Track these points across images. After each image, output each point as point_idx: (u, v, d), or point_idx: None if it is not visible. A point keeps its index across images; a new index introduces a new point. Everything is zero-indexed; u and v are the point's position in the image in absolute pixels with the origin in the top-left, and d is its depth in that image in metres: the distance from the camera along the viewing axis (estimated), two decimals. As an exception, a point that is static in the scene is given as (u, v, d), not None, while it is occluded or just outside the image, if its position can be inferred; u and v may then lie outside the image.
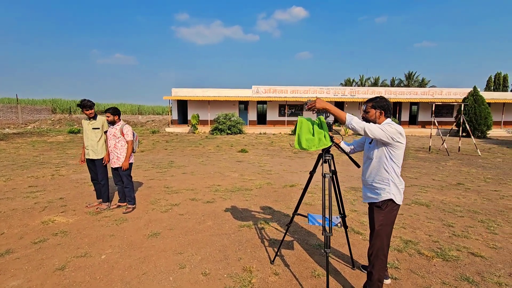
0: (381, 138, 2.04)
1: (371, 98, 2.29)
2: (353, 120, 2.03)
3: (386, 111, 2.20)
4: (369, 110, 2.23)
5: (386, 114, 2.21)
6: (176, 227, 3.66)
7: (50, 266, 2.69)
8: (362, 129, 2.02)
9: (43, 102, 30.96)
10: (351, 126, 2.04)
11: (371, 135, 2.02)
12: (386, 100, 2.23)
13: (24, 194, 4.99)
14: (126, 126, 4.11)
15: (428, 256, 2.97)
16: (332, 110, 2.10)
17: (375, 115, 2.20)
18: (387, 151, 2.13)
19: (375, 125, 2.06)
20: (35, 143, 13.17)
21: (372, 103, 2.22)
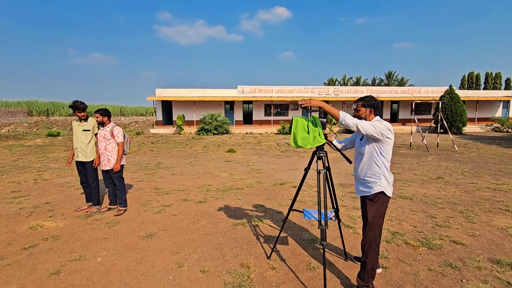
0: (372, 134, 2.17)
1: (361, 97, 2.42)
2: (346, 117, 2.15)
3: (375, 109, 2.34)
4: (359, 109, 2.36)
5: (375, 112, 2.35)
6: (170, 227, 3.66)
7: (44, 271, 2.64)
8: (354, 125, 2.14)
9: (18, 104, 29.47)
10: (345, 122, 2.16)
11: (363, 131, 2.15)
12: (375, 99, 2.37)
13: (7, 199, 4.80)
14: (117, 127, 4.06)
15: (414, 245, 3.15)
16: (326, 108, 2.21)
17: (366, 113, 2.34)
18: (377, 146, 2.26)
19: (366, 122, 2.19)
20: (12, 147, 12.58)
21: (362, 102, 2.35)
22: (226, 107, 24.23)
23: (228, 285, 2.42)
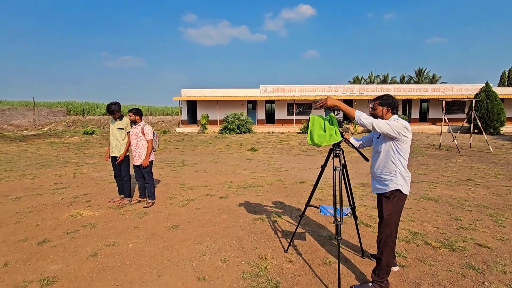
0: (388, 132, 2.21)
1: (378, 96, 2.45)
2: (362, 116, 2.21)
3: (392, 108, 2.36)
4: (376, 107, 2.40)
5: (392, 111, 2.37)
6: (194, 220, 3.89)
7: (84, 253, 2.96)
8: (370, 124, 2.19)
9: (58, 105, 31.91)
10: (360, 121, 2.21)
11: (379, 129, 2.19)
12: (393, 97, 2.39)
13: (51, 190, 5.34)
14: (147, 126, 4.37)
15: (435, 246, 3.11)
16: (342, 107, 2.28)
17: (382, 112, 2.37)
18: (394, 145, 2.29)
19: (382, 121, 2.23)
20: (53, 143, 13.71)
21: (379, 101, 2.39)
22: (249, 106, 24.50)
23: (246, 274, 2.57)
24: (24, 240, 3.27)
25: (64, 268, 2.68)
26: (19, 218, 3.95)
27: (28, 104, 28.38)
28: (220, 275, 2.57)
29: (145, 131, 4.35)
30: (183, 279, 2.51)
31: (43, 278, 2.50)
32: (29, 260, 2.83)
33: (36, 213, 4.14)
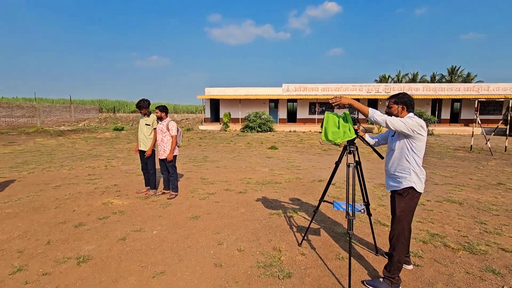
0: (402, 129, 2.23)
1: (394, 94, 2.47)
2: (375, 114, 2.25)
3: (408, 106, 2.37)
4: (391, 106, 2.42)
5: (408, 109, 2.38)
6: (213, 212, 4.09)
7: (114, 237, 3.25)
8: (383, 121, 2.22)
9: (91, 102, 33.99)
10: (374, 119, 2.25)
11: (392, 127, 2.22)
12: (408, 96, 2.40)
13: (86, 180, 5.81)
14: (172, 122, 4.64)
15: (454, 248, 3.05)
16: (356, 105, 2.33)
17: (398, 110, 2.39)
18: (408, 142, 2.31)
19: (396, 118, 2.25)
20: (87, 138, 14.71)
21: (394, 99, 2.41)
22: (271, 105, 24.58)
23: (260, 263, 2.70)
24: (63, 223, 3.65)
25: (97, 248, 2.98)
26: (58, 203, 4.38)
27: (65, 102, 30.52)
28: (236, 263, 2.73)
29: (170, 127, 4.62)
30: (202, 264, 2.69)
31: (79, 256, 2.81)
32: (67, 240, 3.17)
33: (73, 200, 4.56)
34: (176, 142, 4.70)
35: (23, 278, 2.45)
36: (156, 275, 2.51)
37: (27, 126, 21.29)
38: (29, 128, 20.00)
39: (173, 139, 4.63)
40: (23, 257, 2.79)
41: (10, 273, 2.51)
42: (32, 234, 3.30)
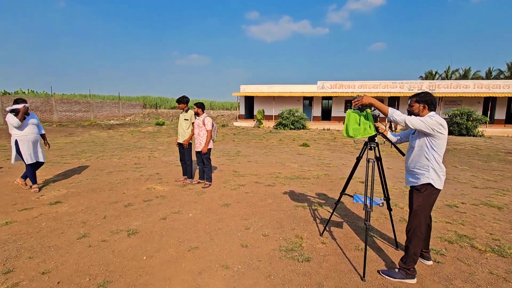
0: (421, 128, 2.31)
1: (416, 93, 2.53)
2: (394, 113, 2.36)
3: (429, 105, 2.43)
4: (413, 104, 2.50)
5: (429, 108, 2.44)
6: (243, 201, 4.43)
7: (156, 216, 3.74)
8: (403, 121, 2.33)
9: (136, 99, 36.73)
10: (393, 118, 2.37)
11: (411, 126, 2.32)
12: (431, 95, 2.45)
13: (132, 168, 6.55)
14: (207, 118, 5.06)
15: (481, 249, 3.00)
16: (377, 104, 2.46)
17: (419, 108, 2.45)
18: (428, 140, 2.38)
19: (415, 117, 2.34)
20: (133, 132, 16.12)
21: (416, 98, 2.48)
22: (305, 102, 24.42)
23: (282, 247, 2.96)
24: (116, 202, 4.26)
25: (143, 224, 3.48)
26: (111, 187, 5.06)
27: (114, 98, 33.39)
28: (260, 245, 3.02)
29: (206, 122, 5.05)
30: (230, 244, 3.03)
31: (129, 229, 3.32)
32: (119, 216, 3.73)
33: (122, 184, 5.23)
34: (211, 136, 5.12)
35: (87, 242, 3.01)
36: (191, 249, 2.91)
37: (83, 119, 23.85)
38: (84, 122, 22.40)
39: (208, 133, 5.05)
40: (86, 227, 3.38)
41: (77, 238, 3.10)
42: (92, 210, 3.94)
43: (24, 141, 4.56)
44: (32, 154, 4.63)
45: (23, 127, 4.55)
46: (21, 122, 4.46)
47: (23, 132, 4.55)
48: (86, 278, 2.38)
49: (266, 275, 2.48)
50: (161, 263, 2.64)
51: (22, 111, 4.46)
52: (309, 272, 2.54)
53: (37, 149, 4.74)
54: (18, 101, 4.51)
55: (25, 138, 4.57)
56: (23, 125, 4.54)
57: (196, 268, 2.57)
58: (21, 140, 4.55)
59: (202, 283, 2.35)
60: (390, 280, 2.45)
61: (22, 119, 4.48)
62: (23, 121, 4.51)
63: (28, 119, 4.62)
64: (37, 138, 4.74)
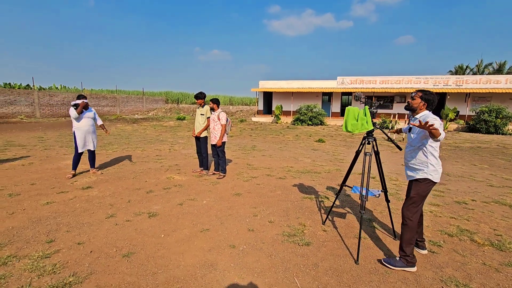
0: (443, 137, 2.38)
1: (423, 89, 2.63)
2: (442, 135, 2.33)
3: (429, 104, 2.56)
4: (415, 98, 2.60)
5: (427, 107, 2.57)
6: (253, 192, 4.72)
7: (174, 202, 4.13)
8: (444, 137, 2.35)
9: (159, 94, 38.07)
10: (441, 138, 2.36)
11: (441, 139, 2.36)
12: (434, 95, 2.57)
13: (154, 160, 7.06)
14: (222, 113, 5.39)
15: (479, 243, 3.09)
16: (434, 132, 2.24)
17: (419, 104, 2.58)
18: (425, 138, 2.50)
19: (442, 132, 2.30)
20: (155, 126, 16.91)
21: (421, 93, 2.58)
22: (324, 98, 24.19)
23: (285, 233, 3.22)
24: (139, 189, 4.71)
25: (162, 208, 3.88)
26: (135, 175, 5.55)
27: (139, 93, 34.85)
28: (265, 230, 3.30)
29: (220, 117, 5.37)
30: (238, 228, 3.34)
31: (149, 212, 3.73)
32: (142, 201, 4.17)
33: (144, 173, 5.71)
34: (225, 130, 5.44)
35: (113, 221, 3.44)
36: (203, 230, 3.25)
37: (110, 114, 25.21)
38: (111, 116, 23.69)
39: (222, 128, 5.37)
40: (113, 209, 3.84)
41: (105, 217, 3.54)
42: (118, 195, 4.41)
43: (79, 131, 5.25)
44: (83, 144, 5.32)
45: (79, 119, 5.21)
46: (78, 114, 5.12)
47: (79, 124, 5.24)
48: (114, 249, 2.79)
49: (268, 255, 2.77)
50: (176, 240, 3.01)
51: (81, 105, 5.15)
52: (307, 254, 2.79)
53: (89, 139, 5.38)
54: (80, 97, 5.22)
55: (80, 129, 5.25)
56: (80, 117, 5.21)
57: (206, 246, 2.91)
58: (77, 130, 5.25)
59: (210, 258, 2.68)
60: (381, 265, 2.64)
61: (80, 112, 5.15)
62: (80, 114, 5.15)
63: (85, 113, 5.29)
64: (90, 130, 5.39)
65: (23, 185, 4.73)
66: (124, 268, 2.49)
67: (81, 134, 5.25)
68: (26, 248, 2.76)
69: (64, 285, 2.23)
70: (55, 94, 21.55)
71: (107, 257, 2.65)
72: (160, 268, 2.50)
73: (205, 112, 5.58)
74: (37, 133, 12.16)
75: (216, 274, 2.44)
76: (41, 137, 10.89)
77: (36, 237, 3.00)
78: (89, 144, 5.41)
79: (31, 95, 19.77)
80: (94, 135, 5.49)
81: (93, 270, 2.44)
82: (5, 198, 4.12)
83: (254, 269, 2.53)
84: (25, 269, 2.42)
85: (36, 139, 10.32)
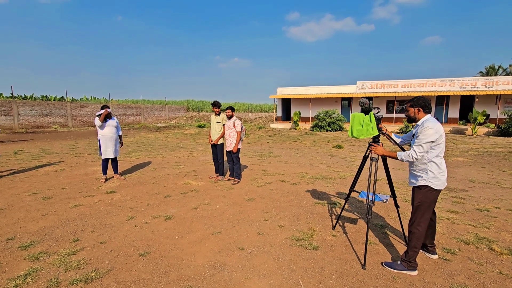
0: (428, 148, 2.43)
1: (409, 99, 2.67)
2: (402, 155, 2.54)
3: (424, 107, 2.56)
4: (408, 109, 2.65)
5: (425, 110, 2.57)
6: (266, 197, 4.82)
7: (189, 206, 4.33)
8: (410, 156, 2.47)
9: (180, 103, 39.40)
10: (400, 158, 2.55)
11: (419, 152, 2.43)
12: (424, 98, 2.58)
13: (173, 166, 7.37)
14: (237, 120, 5.58)
15: (498, 251, 2.97)
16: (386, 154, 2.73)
17: (414, 112, 2.60)
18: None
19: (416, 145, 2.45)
20: (176, 134, 17.54)
21: (410, 103, 2.63)
22: (343, 103, 23.86)
23: (294, 237, 3.29)
24: (157, 193, 4.97)
25: (178, 212, 4.08)
26: (154, 181, 5.85)
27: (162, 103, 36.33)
28: (275, 234, 3.38)
29: (236, 124, 5.56)
30: (248, 231, 3.45)
31: (166, 215, 3.94)
32: (159, 204, 4.41)
33: (164, 179, 5.99)
34: (240, 137, 5.61)
35: (133, 223, 3.69)
36: (214, 233, 3.39)
37: (135, 122, 26.47)
38: (136, 125, 24.87)
39: (238, 135, 5.55)
40: (133, 212, 4.10)
41: (126, 219, 3.80)
42: (138, 199, 4.69)
43: (103, 139, 5.64)
44: (107, 151, 5.69)
45: (103, 127, 5.61)
46: (101, 122, 5.51)
47: (103, 132, 5.64)
48: (131, 248, 3.00)
49: (275, 257, 2.85)
50: (189, 242, 3.17)
51: (104, 114, 5.55)
52: (314, 258, 2.84)
53: (113, 145, 5.75)
54: (103, 107, 5.64)
55: (104, 137, 5.64)
56: (103, 125, 5.60)
57: (217, 247, 3.04)
58: (102, 138, 5.65)
59: (220, 259, 2.81)
60: (389, 270, 2.63)
61: (103, 120, 5.54)
62: (103, 122, 5.54)
63: (108, 121, 5.68)
64: (114, 137, 5.77)
65: (55, 189, 5.17)
66: (140, 266, 2.68)
67: (105, 141, 5.63)
68: (55, 246, 3.05)
69: (87, 279, 2.45)
70: (86, 105, 23.05)
71: (126, 256, 2.86)
72: (173, 267, 2.67)
73: (221, 120, 5.79)
74: (69, 141, 13.08)
75: (224, 274, 2.56)
76: (72, 145, 11.71)
77: (64, 236, 3.29)
78: (113, 150, 5.74)
79: (64, 106, 21.30)
80: (117, 142, 5.85)
81: (112, 267, 2.65)
82: (39, 201, 4.54)
83: (260, 271, 2.62)
84: (54, 264, 2.68)
85: (68, 147, 11.12)
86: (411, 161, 2.58)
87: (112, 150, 5.75)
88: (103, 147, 5.65)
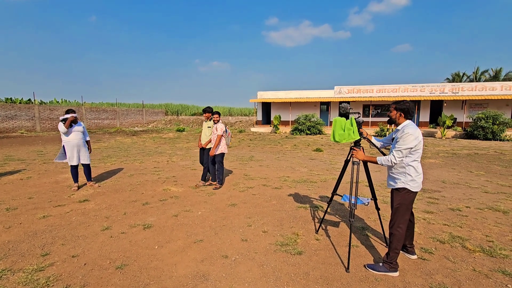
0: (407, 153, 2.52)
1: (397, 101, 2.76)
2: (382, 160, 2.63)
3: (405, 113, 2.65)
4: (392, 110, 2.72)
5: (405, 116, 2.66)
6: (249, 202, 4.76)
7: (169, 213, 4.17)
8: (389, 161, 2.57)
9: (159, 106, 38.43)
10: (380, 163, 2.62)
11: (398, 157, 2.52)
12: (409, 104, 2.67)
13: (152, 172, 7.11)
14: (219, 124, 5.49)
15: (471, 249, 3.12)
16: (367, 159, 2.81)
17: (396, 116, 2.68)
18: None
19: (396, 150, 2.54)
20: (155, 138, 17.03)
21: (395, 105, 2.71)
22: (322, 108, 24.42)
23: (278, 242, 3.25)
24: (135, 201, 4.75)
25: (157, 220, 3.92)
26: (132, 188, 5.60)
27: (139, 106, 35.21)
28: (258, 240, 3.33)
29: (217, 128, 5.47)
30: (231, 238, 3.37)
31: (144, 224, 3.77)
32: (137, 213, 4.21)
33: (141, 185, 5.76)
34: (224, 141, 5.54)
35: (109, 234, 3.48)
36: (196, 241, 3.28)
37: (110, 126, 25.41)
38: (111, 129, 23.88)
39: (218, 137, 5.46)
40: (109, 221, 3.87)
41: (101, 230, 3.58)
42: (114, 207, 4.45)
43: (69, 145, 5.27)
44: (75, 157, 5.32)
45: (68, 134, 5.25)
46: (66, 129, 5.15)
47: (68, 138, 5.26)
48: (107, 261, 2.82)
49: (260, 264, 2.79)
50: (170, 252, 3.04)
51: (69, 120, 5.18)
52: (298, 263, 2.82)
53: (80, 152, 5.38)
54: (68, 111, 5.25)
55: (70, 143, 5.27)
56: (69, 131, 5.24)
57: (199, 257, 2.94)
58: (67, 144, 5.27)
59: (203, 269, 2.71)
60: (372, 273, 2.67)
61: (68, 126, 5.18)
62: (69, 128, 5.20)
63: (74, 127, 5.31)
64: (80, 143, 5.39)
65: (20, 199, 4.79)
66: (116, 280, 2.51)
67: (71, 148, 5.25)
68: (21, 262, 2.79)
69: (57, 297, 2.26)
70: (56, 108, 21.81)
71: (101, 269, 2.68)
72: (153, 279, 2.53)
73: (212, 125, 5.71)
74: (37, 147, 12.26)
75: (208, 285, 2.47)
76: (41, 151, 10.98)
77: (31, 250, 3.04)
78: (78, 157, 5.35)
79: (31, 110, 20.01)
80: (85, 148, 5.48)
81: (86, 283, 2.47)
82: (2, 212, 4.17)
83: (245, 279, 2.55)
84: (19, 282, 2.45)
85: (36, 153, 10.41)
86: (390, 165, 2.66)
87: (77, 157, 5.34)
88: (69, 153, 5.26)
